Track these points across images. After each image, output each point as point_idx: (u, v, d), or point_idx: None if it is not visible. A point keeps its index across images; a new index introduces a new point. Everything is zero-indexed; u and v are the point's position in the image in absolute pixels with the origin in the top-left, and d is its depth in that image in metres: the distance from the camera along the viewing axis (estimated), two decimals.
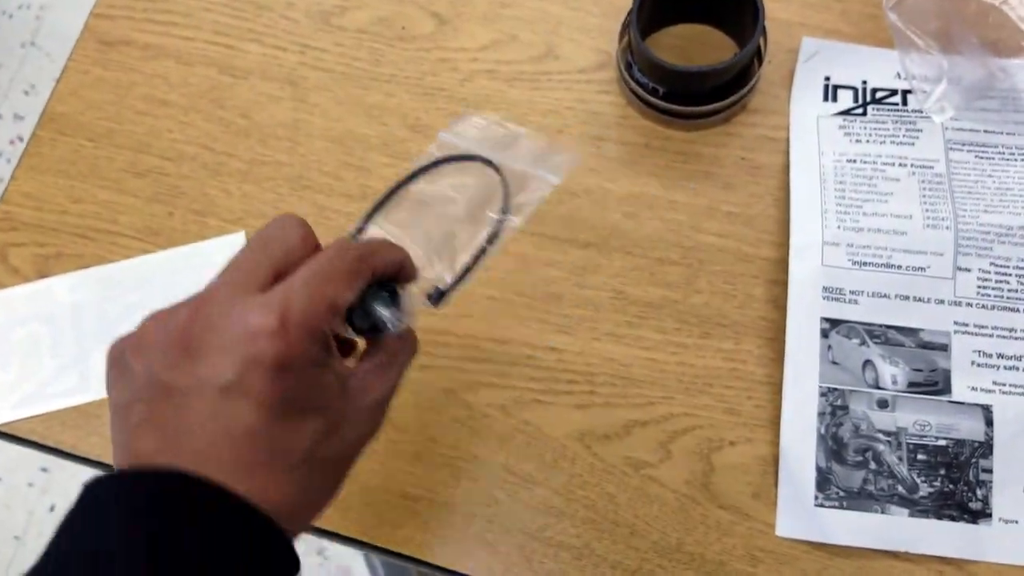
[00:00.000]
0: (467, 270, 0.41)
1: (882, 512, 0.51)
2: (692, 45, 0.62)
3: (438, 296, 0.41)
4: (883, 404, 0.52)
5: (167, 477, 0.30)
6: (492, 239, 0.42)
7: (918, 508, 0.51)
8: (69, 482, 1.45)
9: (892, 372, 0.52)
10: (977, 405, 0.52)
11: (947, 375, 0.52)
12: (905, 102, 0.59)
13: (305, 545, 1.38)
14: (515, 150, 0.46)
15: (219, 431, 0.31)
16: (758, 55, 0.58)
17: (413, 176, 0.45)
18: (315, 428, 0.33)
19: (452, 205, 0.44)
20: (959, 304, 0.53)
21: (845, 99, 0.59)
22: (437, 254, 0.42)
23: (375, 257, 0.36)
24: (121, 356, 0.33)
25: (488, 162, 0.44)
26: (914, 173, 0.56)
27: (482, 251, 0.42)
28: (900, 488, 0.51)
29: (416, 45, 0.64)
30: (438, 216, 0.43)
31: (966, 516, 0.50)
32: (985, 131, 0.58)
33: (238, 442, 0.31)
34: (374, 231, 0.43)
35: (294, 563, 0.32)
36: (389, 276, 0.37)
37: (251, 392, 0.31)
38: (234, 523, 0.30)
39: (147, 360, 0.32)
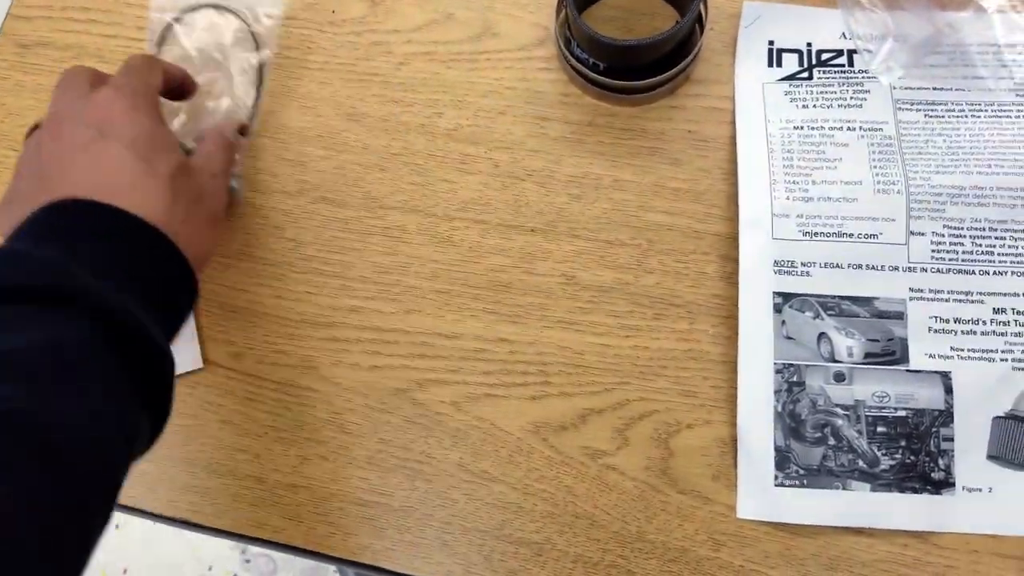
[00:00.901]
0: (255, 105, 0.59)
1: (843, 488, 0.50)
2: (632, 16, 0.60)
3: (244, 129, 0.57)
4: (840, 377, 0.51)
5: (69, 204, 0.41)
6: (261, 75, 0.59)
7: (880, 482, 0.50)
8: None
9: (848, 344, 0.51)
10: (936, 372, 0.51)
11: (904, 344, 0.51)
12: (851, 63, 0.57)
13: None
14: None
15: (97, 170, 0.43)
16: (699, 22, 0.56)
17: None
18: (170, 160, 0.45)
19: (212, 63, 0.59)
20: (913, 270, 0.52)
21: (790, 63, 0.57)
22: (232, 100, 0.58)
23: (164, 63, 0.52)
24: (24, 157, 0.47)
25: (216, 6, 0.59)
26: (863, 136, 0.55)
27: (260, 84, 0.59)
28: (860, 463, 0.50)
29: (347, 29, 0.61)
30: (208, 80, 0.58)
31: (929, 487, 0.50)
32: (934, 88, 0.56)
33: (113, 171, 0.43)
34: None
35: (185, 268, 0.44)
36: (175, 85, 0.53)
37: (111, 135, 0.43)
38: (126, 226, 0.41)
39: (33, 149, 0.45)
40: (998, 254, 0.52)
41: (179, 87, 0.53)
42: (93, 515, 0.34)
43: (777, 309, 0.52)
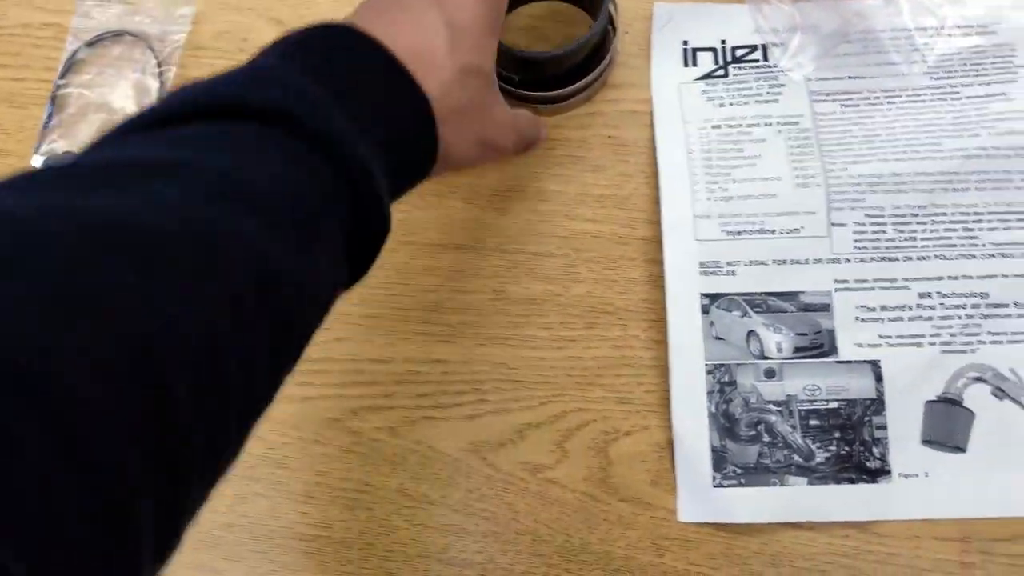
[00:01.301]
0: None
1: (781, 484, 0.50)
2: (547, 24, 0.59)
3: None
4: (770, 374, 0.51)
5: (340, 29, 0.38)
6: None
7: (816, 475, 0.50)
8: None
9: (776, 340, 0.52)
10: (865, 362, 0.51)
11: (832, 335, 0.52)
12: (766, 57, 0.57)
13: None
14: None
15: (407, 21, 0.40)
16: (612, 27, 0.56)
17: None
18: (476, 59, 0.42)
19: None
20: (837, 261, 0.53)
21: (705, 62, 0.57)
22: None
23: None
24: None
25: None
26: (780, 131, 0.55)
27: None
28: (796, 457, 0.50)
29: None
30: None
31: (865, 476, 0.50)
32: (849, 77, 0.56)
33: (418, 30, 0.40)
34: None
35: (432, 146, 0.41)
36: None
37: (446, 8, 0.41)
38: (400, 81, 0.38)
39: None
40: (920, 239, 0.53)
41: None
42: (286, 367, 0.32)
43: (705, 310, 0.52)
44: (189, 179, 0.28)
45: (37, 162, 0.56)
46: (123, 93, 0.58)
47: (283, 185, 0.31)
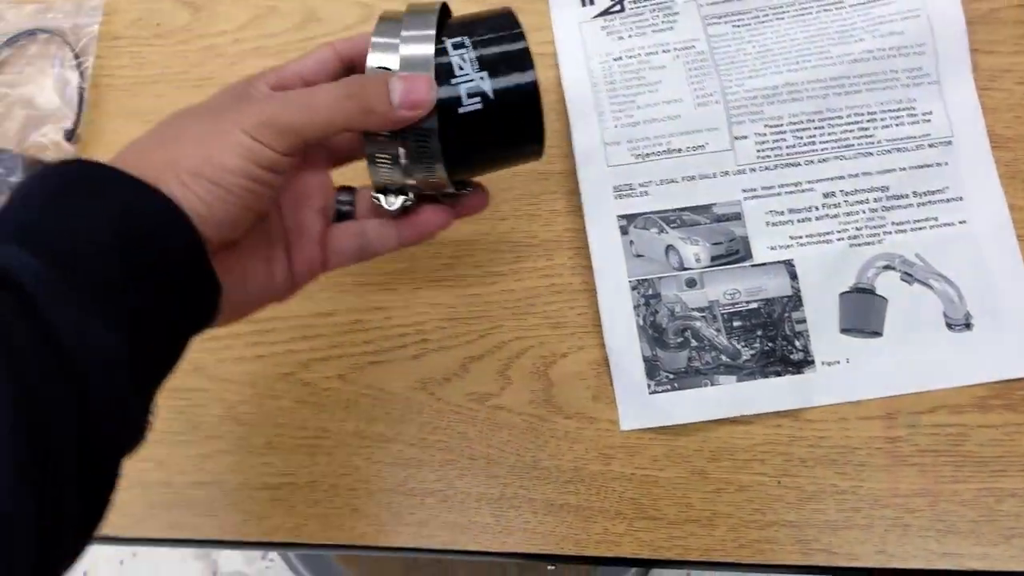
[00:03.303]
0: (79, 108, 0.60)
1: (712, 384, 0.53)
2: None
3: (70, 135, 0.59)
4: (691, 283, 0.54)
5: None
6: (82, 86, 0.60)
7: (744, 372, 0.53)
8: None
9: (694, 251, 0.55)
10: (779, 262, 0.54)
11: (746, 241, 0.55)
12: None
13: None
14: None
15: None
16: None
17: None
18: (204, 113, 0.37)
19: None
20: (743, 172, 0.56)
21: (602, 0, 0.60)
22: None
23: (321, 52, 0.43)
24: None
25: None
26: (678, 57, 0.58)
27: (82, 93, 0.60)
28: (724, 358, 0.53)
29: (175, 39, 0.62)
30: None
31: (790, 369, 0.53)
32: None
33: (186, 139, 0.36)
34: None
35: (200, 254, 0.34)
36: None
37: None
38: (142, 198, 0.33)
39: None
40: (819, 143, 0.56)
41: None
42: None
43: (623, 231, 0.55)
44: None
45: None
46: (45, 88, 0.60)
47: None
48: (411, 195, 0.42)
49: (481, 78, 0.39)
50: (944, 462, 0.52)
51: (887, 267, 0.54)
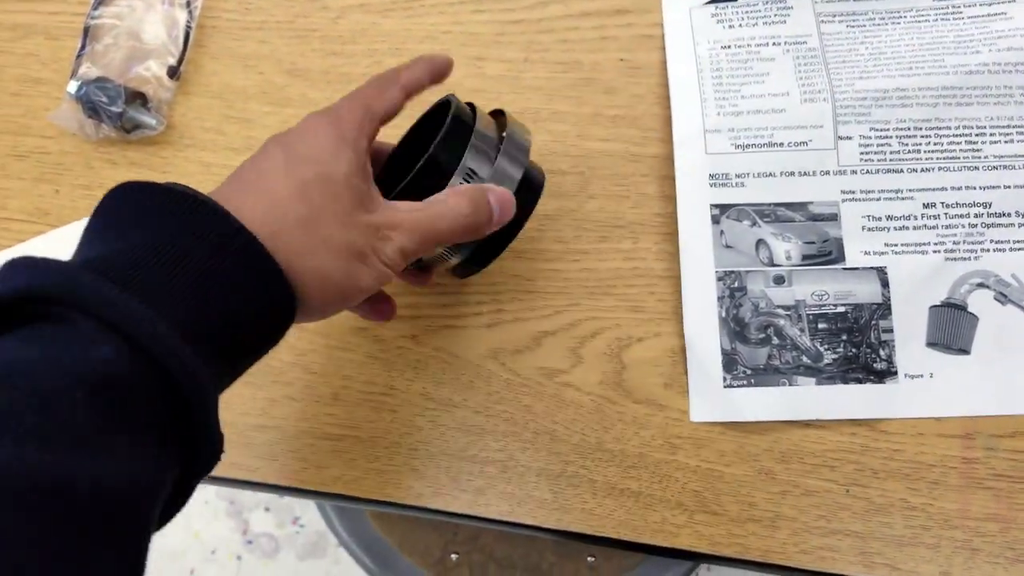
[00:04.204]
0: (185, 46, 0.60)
1: (789, 384, 0.52)
2: None
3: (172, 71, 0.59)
4: (779, 280, 0.53)
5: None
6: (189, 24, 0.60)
7: (824, 376, 0.52)
8: None
9: (785, 248, 0.53)
10: (872, 268, 0.53)
11: (839, 243, 0.53)
12: None
13: (277, 516, 1.39)
14: None
15: (248, 167, 0.39)
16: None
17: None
18: (309, 172, 0.38)
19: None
20: (844, 173, 0.54)
21: None
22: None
23: (411, 70, 0.44)
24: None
25: None
26: (788, 51, 0.57)
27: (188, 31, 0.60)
28: (804, 359, 0.52)
29: None
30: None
31: (872, 377, 0.52)
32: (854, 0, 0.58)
33: (255, 168, 0.38)
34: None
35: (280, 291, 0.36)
36: (420, 86, 0.44)
37: (286, 139, 0.39)
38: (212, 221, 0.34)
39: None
40: (924, 152, 0.54)
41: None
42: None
43: (715, 220, 0.54)
44: None
45: (72, 88, 0.58)
46: (153, 23, 0.60)
47: (65, 387, 0.27)
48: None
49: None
50: (1020, 489, 0.50)
51: (981, 285, 0.53)
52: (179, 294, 0.32)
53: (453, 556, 0.84)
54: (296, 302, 0.36)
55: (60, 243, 0.59)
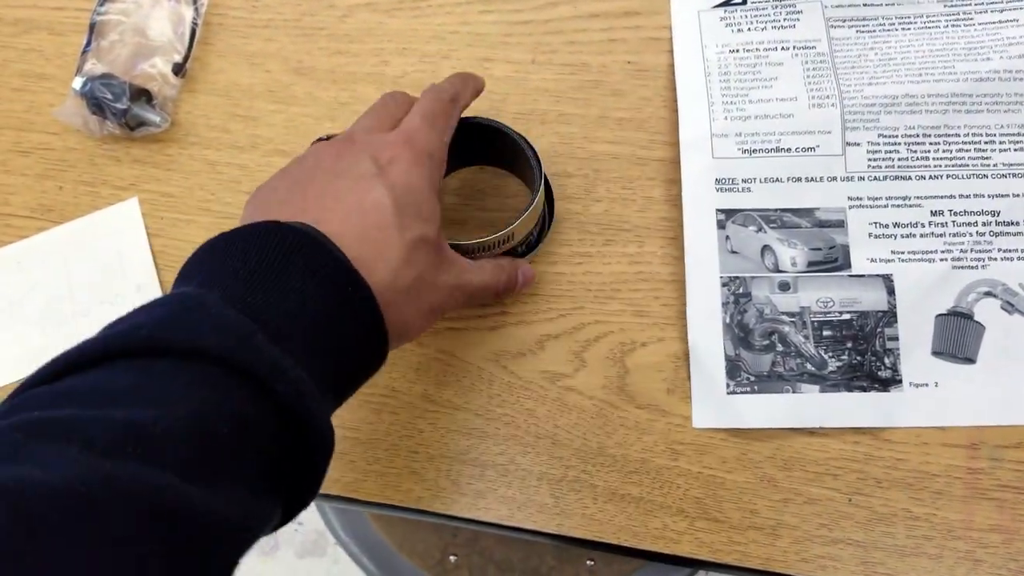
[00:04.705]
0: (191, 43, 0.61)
1: (793, 391, 0.52)
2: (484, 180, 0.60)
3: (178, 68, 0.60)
4: (784, 286, 0.53)
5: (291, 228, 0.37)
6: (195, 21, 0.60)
7: (828, 383, 0.52)
8: None
9: (791, 254, 0.53)
10: (878, 276, 0.53)
11: (846, 250, 0.53)
12: None
13: None
14: None
15: (351, 203, 0.40)
16: (546, 210, 0.55)
17: None
18: (417, 232, 0.41)
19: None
20: (851, 179, 0.54)
21: None
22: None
23: (462, 93, 0.48)
24: (299, 158, 0.44)
25: None
26: (796, 55, 0.56)
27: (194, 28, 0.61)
28: (809, 366, 0.52)
29: None
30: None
31: (876, 385, 0.51)
32: (864, 4, 0.58)
33: (365, 211, 0.39)
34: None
35: (379, 347, 0.40)
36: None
37: (385, 178, 0.40)
38: (343, 279, 0.37)
39: (312, 155, 0.44)
40: (933, 159, 0.54)
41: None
42: None
43: (721, 225, 0.54)
44: (79, 434, 0.28)
45: (77, 84, 0.58)
46: (160, 20, 0.60)
47: (187, 423, 0.30)
48: None
49: None
50: None
51: (988, 294, 0.52)
52: (320, 353, 0.36)
53: (452, 558, 0.84)
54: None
55: (62, 242, 0.58)
